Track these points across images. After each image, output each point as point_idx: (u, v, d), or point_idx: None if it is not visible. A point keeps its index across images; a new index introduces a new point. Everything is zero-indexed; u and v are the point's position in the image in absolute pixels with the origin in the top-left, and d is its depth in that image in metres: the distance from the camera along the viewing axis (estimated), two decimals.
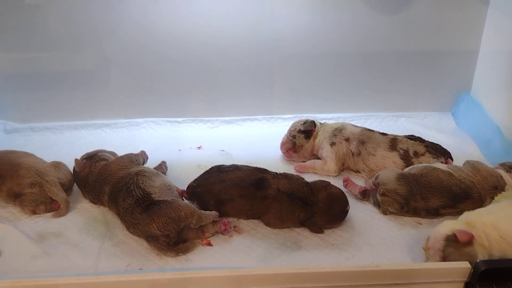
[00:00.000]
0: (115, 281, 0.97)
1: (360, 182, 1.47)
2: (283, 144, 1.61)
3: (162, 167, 1.49)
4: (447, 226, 1.12)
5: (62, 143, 1.72)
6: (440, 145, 1.53)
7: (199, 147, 1.70)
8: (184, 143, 1.72)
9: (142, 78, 1.75)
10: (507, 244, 1.08)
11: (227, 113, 1.82)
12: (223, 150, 1.67)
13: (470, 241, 1.06)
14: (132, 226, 1.21)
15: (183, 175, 1.45)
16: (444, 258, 1.06)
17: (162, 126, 1.80)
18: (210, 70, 1.75)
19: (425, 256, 1.14)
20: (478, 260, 0.99)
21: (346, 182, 1.44)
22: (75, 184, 1.45)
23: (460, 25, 1.73)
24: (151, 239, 1.19)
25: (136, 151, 1.49)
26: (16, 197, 1.34)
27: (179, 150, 1.68)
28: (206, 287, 1.00)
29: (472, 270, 0.99)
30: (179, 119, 1.81)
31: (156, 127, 1.80)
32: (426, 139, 1.55)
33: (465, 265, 0.99)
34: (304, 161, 1.59)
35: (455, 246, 1.07)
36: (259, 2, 1.63)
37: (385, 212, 1.35)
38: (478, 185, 1.34)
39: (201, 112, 1.82)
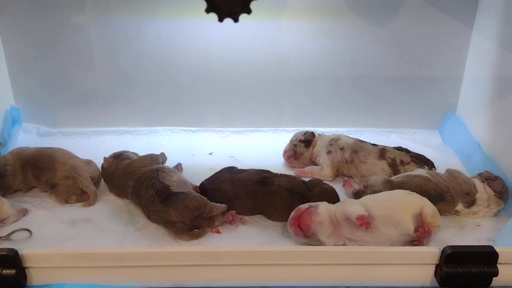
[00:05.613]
0: (140, 252, 1.16)
1: (355, 186, 1.64)
2: (285, 152, 1.80)
3: (178, 168, 1.67)
4: None
5: (89, 146, 1.90)
6: (424, 156, 1.70)
7: (210, 153, 1.89)
8: (197, 149, 1.91)
9: (161, 91, 1.96)
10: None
11: (236, 124, 2.02)
12: (232, 156, 1.86)
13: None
14: (153, 213, 1.40)
15: (196, 176, 1.61)
16: (311, 235, 1.32)
17: (178, 134, 2.00)
18: (222, 85, 1.96)
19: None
20: (445, 246, 1.16)
21: (345, 182, 1.64)
22: (102, 179, 1.64)
23: (446, 53, 1.93)
24: (169, 224, 1.37)
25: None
26: (52, 187, 1.54)
27: (193, 155, 1.86)
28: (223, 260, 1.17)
29: (440, 254, 1.16)
30: (193, 129, 2.01)
31: (172, 135, 2.00)
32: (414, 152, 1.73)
33: (434, 249, 1.16)
34: (303, 167, 1.77)
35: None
36: (270, 28, 1.85)
37: None
38: (452, 190, 1.50)
39: (213, 122, 2.02)
